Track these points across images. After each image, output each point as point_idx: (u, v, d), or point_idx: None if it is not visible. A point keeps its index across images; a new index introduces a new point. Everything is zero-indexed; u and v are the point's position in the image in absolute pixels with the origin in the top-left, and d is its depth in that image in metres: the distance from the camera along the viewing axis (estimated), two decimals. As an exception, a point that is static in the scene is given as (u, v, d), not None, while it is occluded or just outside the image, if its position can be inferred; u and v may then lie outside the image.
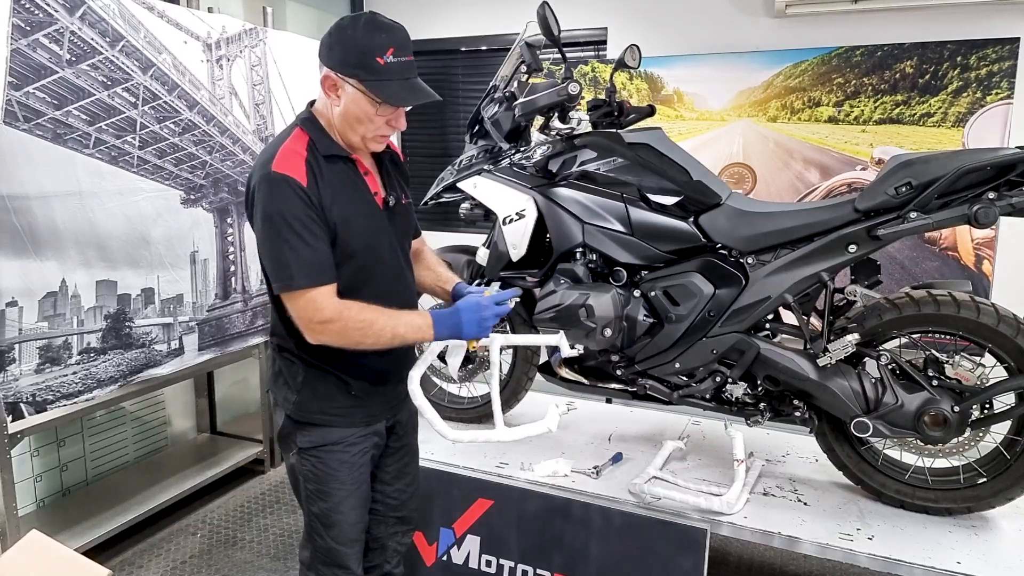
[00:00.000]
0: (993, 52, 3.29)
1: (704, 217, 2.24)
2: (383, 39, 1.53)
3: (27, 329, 2.37)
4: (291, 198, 1.51)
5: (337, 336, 1.57)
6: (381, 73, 1.53)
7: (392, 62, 1.54)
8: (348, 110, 1.58)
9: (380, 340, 1.59)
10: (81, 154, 2.52)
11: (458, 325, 1.65)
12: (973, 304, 2.01)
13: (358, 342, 1.59)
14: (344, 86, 1.55)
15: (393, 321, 1.59)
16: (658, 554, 2.14)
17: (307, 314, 1.55)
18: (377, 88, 1.54)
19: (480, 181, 2.49)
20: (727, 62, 3.74)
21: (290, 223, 1.52)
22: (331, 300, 1.56)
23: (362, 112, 1.57)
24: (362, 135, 1.62)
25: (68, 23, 2.42)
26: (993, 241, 3.40)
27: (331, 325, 1.55)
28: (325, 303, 1.54)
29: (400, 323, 1.60)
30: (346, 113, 1.58)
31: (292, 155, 1.55)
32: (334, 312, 1.55)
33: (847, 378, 2.12)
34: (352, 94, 1.56)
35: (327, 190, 1.57)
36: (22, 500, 2.83)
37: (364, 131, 1.61)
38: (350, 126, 1.61)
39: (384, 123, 1.61)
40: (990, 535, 2.11)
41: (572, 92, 2.27)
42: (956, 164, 1.90)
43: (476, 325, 1.66)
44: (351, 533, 1.77)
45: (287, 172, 1.52)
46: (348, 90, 1.55)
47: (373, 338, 1.58)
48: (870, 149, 3.57)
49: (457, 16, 4.41)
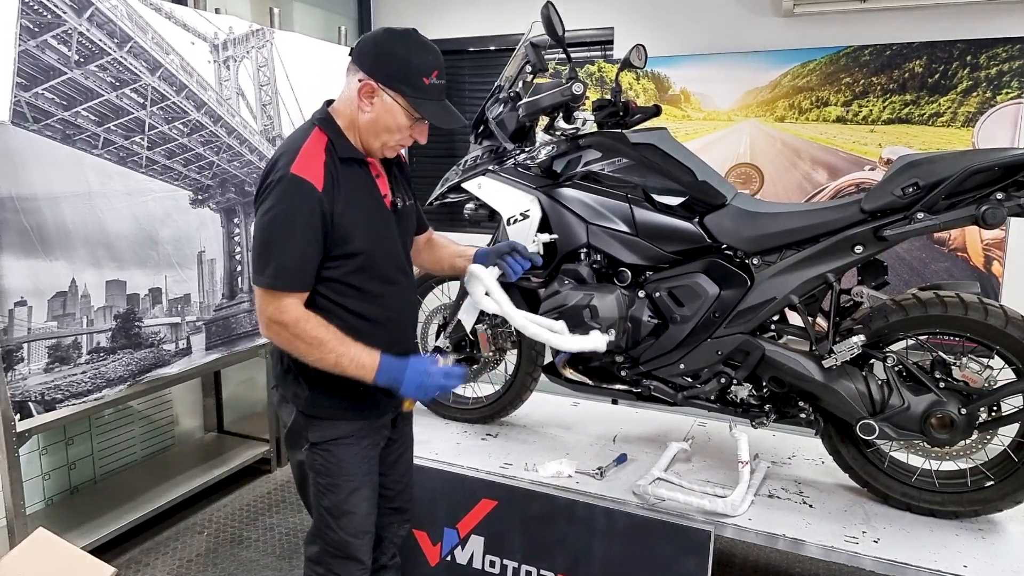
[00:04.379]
0: (1003, 51, 3.26)
1: (709, 218, 2.23)
2: (430, 61, 1.62)
3: (36, 328, 2.39)
4: (302, 201, 1.55)
5: (285, 342, 1.61)
6: (425, 92, 1.61)
7: (434, 83, 1.63)
8: (381, 118, 1.62)
9: (322, 362, 1.60)
10: (90, 155, 2.53)
11: (399, 380, 1.63)
12: (981, 306, 2.00)
13: (301, 354, 1.61)
14: (383, 96, 1.60)
15: (342, 349, 1.59)
16: (662, 556, 2.13)
17: (268, 311, 1.58)
18: (419, 105, 1.62)
19: (485, 181, 2.49)
20: (734, 62, 3.73)
21: (292, 223, 1.55)
22: (295, 307, 1.58)
23: (395, 123, 1.63)
24: (385, 143, 1.67)
25: (76, 24, 2.43)
26: (1003, 242, 3.37)
27: (284, 330, 1.58)
28: (289, 308, 1.57)
29: (347, 354, 1.60)
30: (377, 120, 1.63)
31: (311, 157, 1.58)
32: (292, 320, 1.57)
33: (853, 380, 2.11)
34: (389, 105, 1.61)
35: (341, 192, 1.60)
36: (31, 498, 2.86)
37: (389, 140, 1.66)
38: (376, 133, 1.65)
39: (409, 135, 1.68)
40: (997, 538, 2.09)
41: (576, 92, 2.27)
42: (963, 164, 1.88)
43: (416, 387, 1.64)
44: (363, 525, 1.81)
45: (305, 175, 1.55)
46: (386, 100, 1.61)
47: (316, 356, 1.59)
48: (878, 149, 3.55)
49: (464, 16, 4.42)
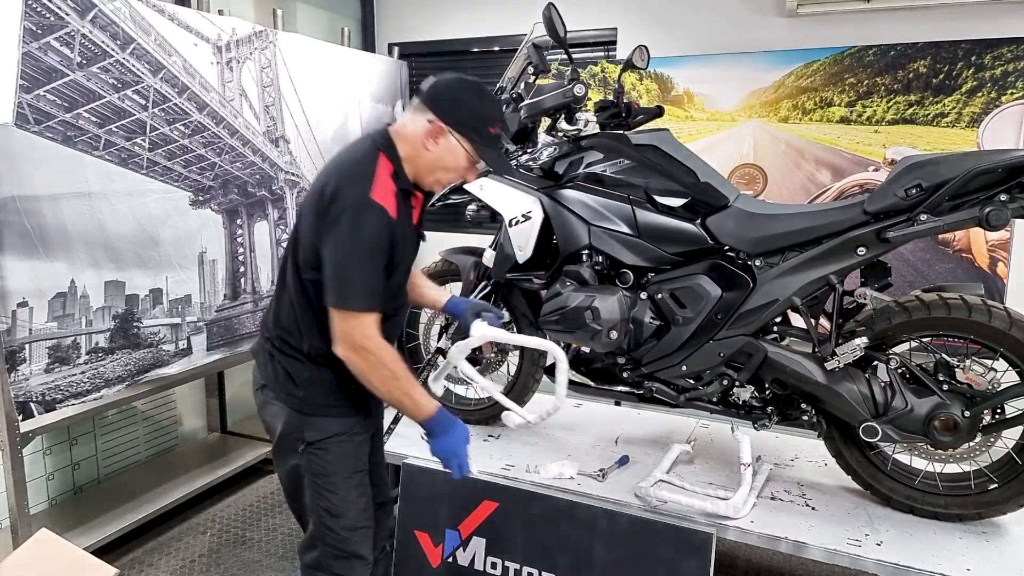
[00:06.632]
0: (1008, 51, 3.24)
1: (711, 219, 2.23)
2: (495, 113, 1.78)
3: (37, 329, 2.40)
4: (381, 227, 1.62)
5: (364, 364, 1.65)
6: (488, 140, 1.74)
7: (496, 133, 1.77)
8: (443, 158, 1.72)
9: (388, 394, 1.69)
10: (91, 156, 2.54)
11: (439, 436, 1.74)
12: (984, 307, 1.99)
13: (374, 382, 1.67)
14: (449, 138, 1.70)
15: (410, 388, 1.69)
16: (664, 558, 2.12)
17: (354, 333, 1.63)
18: (483, 152, 1.74)
19: (487, 183, 2.49)
20: (738, 62, 3.72)
21: (371, 249, 1.62)
22: (377, 329, 1.65)
23: (455, 164, 1.74)
24: (439, 179, 1.77)
25: (79, 26, 2.44)
26: (1008, 243, 3.35)
27: (368, 354, 1.64)
28: (373, 330, 1.64)
29: (412, 394, 1.69)
30: (440, 160, 1.72)
31: (385, 184, 1.65)
32: (377, 346, 1.64)
33: (856, 382, 2.10)
34: (454, 147, 1.71)
35: (399, 219, 1.68)
36: (35, 498, 2.87)
37: (443, 177, 1.77)
38: (434, 171, 1.74)
39: (461, 175, 1.80)
40: (1001, 542, 2.08)
41: (578, 94, 2.27)
42: (967, 166, 1.87)
43: (445, 450, 1.74)
44: (361, 520, 1.84)
45: (383, 203, 1.62)
46: (451, 143, 1.70)
47: (387, 388, 1.67)
48: (883, 150, 3.53)
49: (468, 17, 4.41)
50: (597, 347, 2.32)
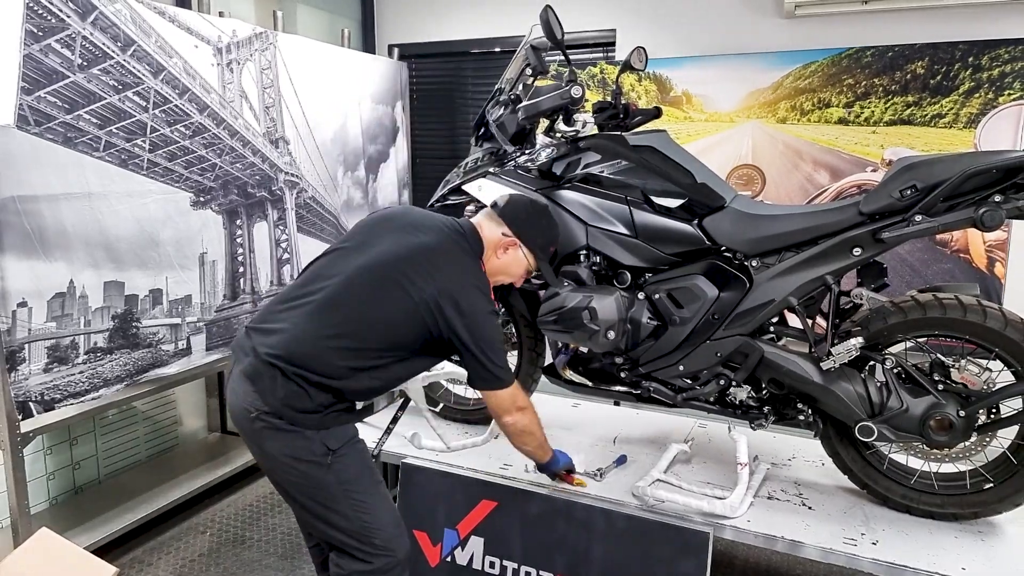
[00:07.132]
0: (1006, 52, 3.25)
1: (708, 220, 2.24)
2: (556, 236, 2.18)
3: (36, 329, 2.41)
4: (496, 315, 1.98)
5: (527, 421, 2.03)
6: (547, 257, 2.13)
7: (553, 252, 2.19)
8: (508, 266, 2.06)
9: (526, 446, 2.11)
10: (91, 157, 2.55)
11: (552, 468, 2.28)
12: (980, 308, 1.99)
13: (532, 429, 2.06)
14: (518, 251, 2.06)
15: (543, 438, 2.15)
16: (661, 557, 2.13)
17: (511, 403, 1.98)
18: (542, 266, 2.13)
19: (485, 183, 2.49)
20: (736, 63, 3.73)
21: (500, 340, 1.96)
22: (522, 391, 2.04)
23: (518, 272, 2.09)
24: (499, 280, 2.09)
25: (80, 28, 2.45)
26: (1005, 243, 3.36)
27: (526, 411, 2.03)
28: (521, 393, 2.03)
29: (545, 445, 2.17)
30: (506, 266, 2.06)
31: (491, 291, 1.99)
32: (526, 401, 2.04)
33: (852, 382, 2.11)
34: (520, 259, 2.07)
35: None
36: (35, 498, 2.88)
37: (504, 279, 2.10)
38: (497, 274, 2.06)
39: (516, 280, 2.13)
40: (996, 541, 2.09)
41: (575, 95, 2.28)
42: (962, 167, 1.88)
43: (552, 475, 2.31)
44: (394, 513, 1.98)
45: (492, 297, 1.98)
46: (519, 255, 2.06)
47: (532, 444, 2.11)
48: (881, 150, 3.54)
49: (467, 18, 4.42)
50: (595, 347, 2.33)
